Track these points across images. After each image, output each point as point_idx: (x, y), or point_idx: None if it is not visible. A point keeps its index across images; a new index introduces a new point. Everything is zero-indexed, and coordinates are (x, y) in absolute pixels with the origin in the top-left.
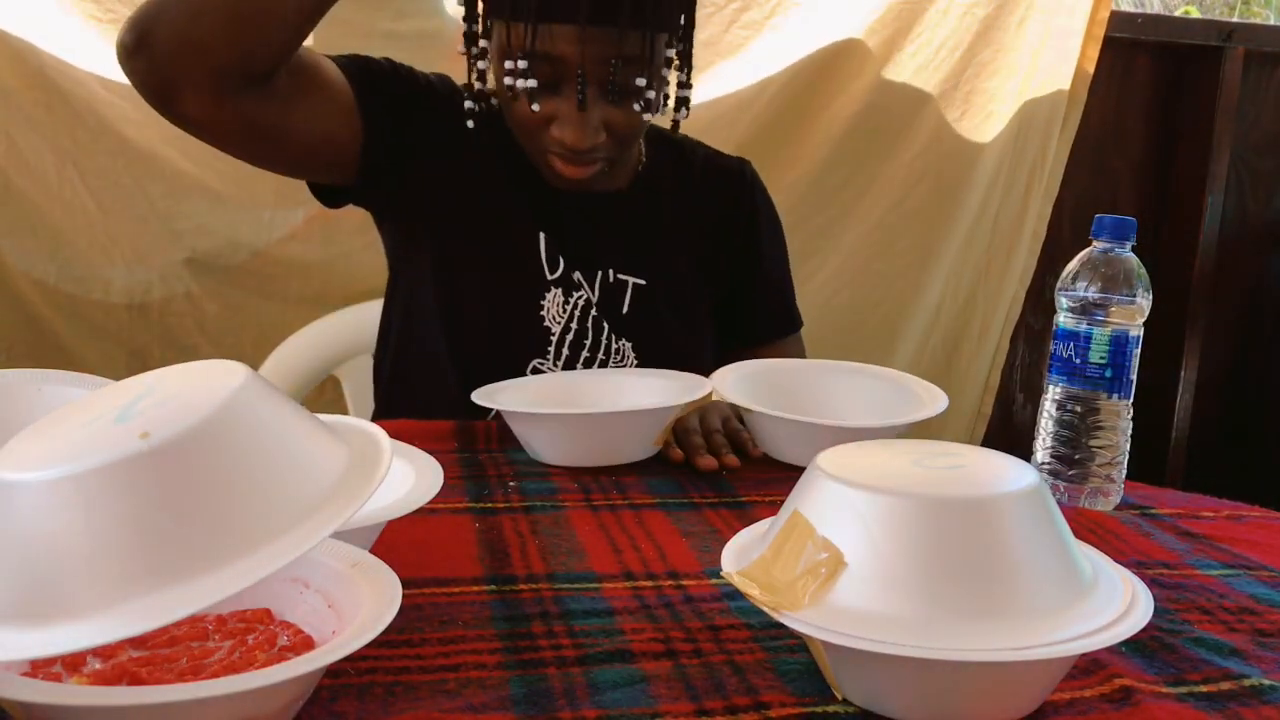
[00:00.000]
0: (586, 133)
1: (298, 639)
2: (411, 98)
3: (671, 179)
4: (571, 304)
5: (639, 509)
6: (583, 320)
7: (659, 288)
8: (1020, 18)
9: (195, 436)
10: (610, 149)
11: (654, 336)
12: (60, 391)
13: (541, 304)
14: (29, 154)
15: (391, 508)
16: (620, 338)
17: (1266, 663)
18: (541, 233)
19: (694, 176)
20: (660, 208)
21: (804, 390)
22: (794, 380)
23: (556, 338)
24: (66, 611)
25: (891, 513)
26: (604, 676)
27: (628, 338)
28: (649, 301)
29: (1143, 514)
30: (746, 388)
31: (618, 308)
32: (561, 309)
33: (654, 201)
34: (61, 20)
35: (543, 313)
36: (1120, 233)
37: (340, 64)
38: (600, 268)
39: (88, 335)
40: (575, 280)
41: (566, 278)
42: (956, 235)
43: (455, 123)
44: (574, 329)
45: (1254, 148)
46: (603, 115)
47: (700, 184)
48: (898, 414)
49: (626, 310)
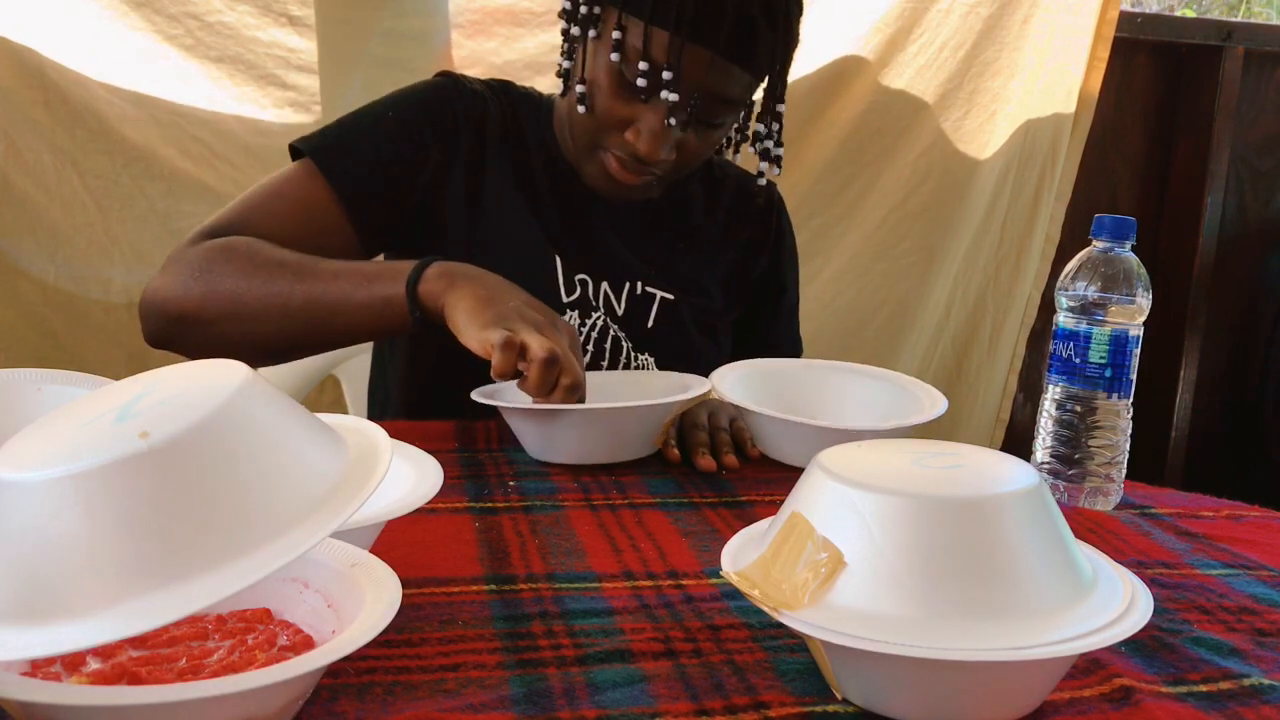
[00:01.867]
0: (663, 148)
1: (297, 639)
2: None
3: (701, 195)
4: (589, 327)
5: (639, 509)
6: (599, 343)
7: (686, 303)
8: (1024, 17)
9: (195, 436)
10: (670, 170)
11: (677, 351)
12: (60, 391)
13: None
14: (28, 153)
15: (391, 507)
16: (643, 352)
17: (1266, 662)
18: (557, 256)
19: (724, 196)
20: (690, 222)
21: (804, 391)
22: (794, 381)
23: None
24: (66, 611)
25: (891, 512)
26: (603, 676)
27: (651, 352)
28: (675, 316)
29: (1142, 513)
30: (746, 387)
31: (643, 321)
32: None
33: (684, 216)
34: (62, 20)
35: None
36: (1120, 232)
37: (336, 189)
38: (628, 279)
39: (87, 335)
40: (593, 301)
41: (584, 300)
42: (962, 236)
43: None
44: (589, 351)
45: (1253, 147)
46: (681, 137)
47: (730, 204)
48: (898, 416)
49: (652, 324)
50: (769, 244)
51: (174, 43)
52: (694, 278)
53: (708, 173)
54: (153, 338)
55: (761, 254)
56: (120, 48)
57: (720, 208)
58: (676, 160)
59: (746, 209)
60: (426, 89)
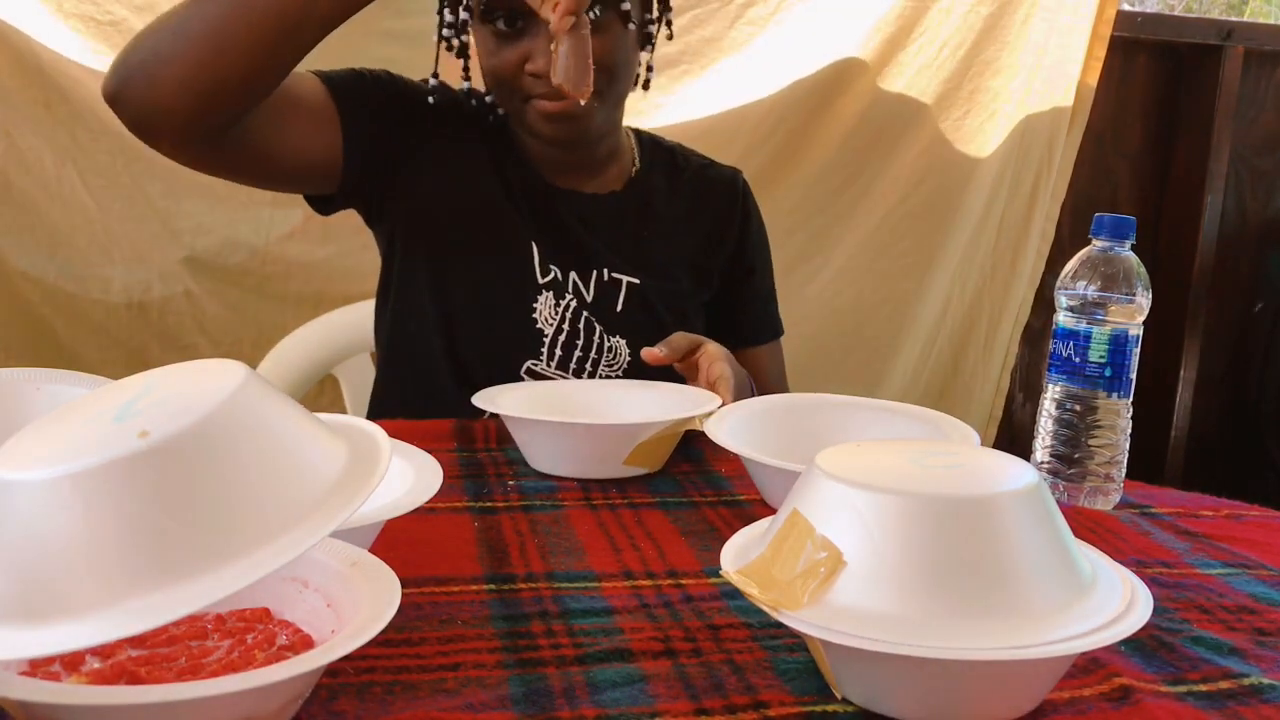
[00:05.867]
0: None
1: (297, 638)
2: (402, 110)
3: (664, 184)
4: (562, 307)
5: (638, 508)
6: (574, 323)
7: (652, 286)
8: (1024, 16)
9: (194, 435)
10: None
11: (647, 333)
12: (59, 390)
13: (534, 307)
14: (28, 153)
15: (391, 507)
16: (614, 335)
17: (1265, 661)
18: (533, 242)
19: (686, 183)
20: (653, 210)
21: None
22: (817, 420)
23: (549, 339)
24: (65, 610)
25: (891, 512)
26: (603, 675)
27: (621, 335)
28: (642, 299)
29: (1142, 513)
30: (758, 427)
31: (612, 306)
32: (553, 312)
33: (646, 204)
34: (62, 20)
35: (535, 315)
36: (1119, 231)
37: (328, 80)
38: (595, 267)
39: (87, 334)
40: (564, 284)
41: (556, 282)
42: (961, 235)
43: (453, 134)
44: (566, 330)
45: (1253, 146)
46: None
47: (692, 190)
48: None
49: (620, 308)
50: (733, 230)
51: None
52: (660, 263)
53: (671, 161)
54: (110, 104)
55: (725, 240)
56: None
57: (681, 195)
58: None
59: (709, 195)
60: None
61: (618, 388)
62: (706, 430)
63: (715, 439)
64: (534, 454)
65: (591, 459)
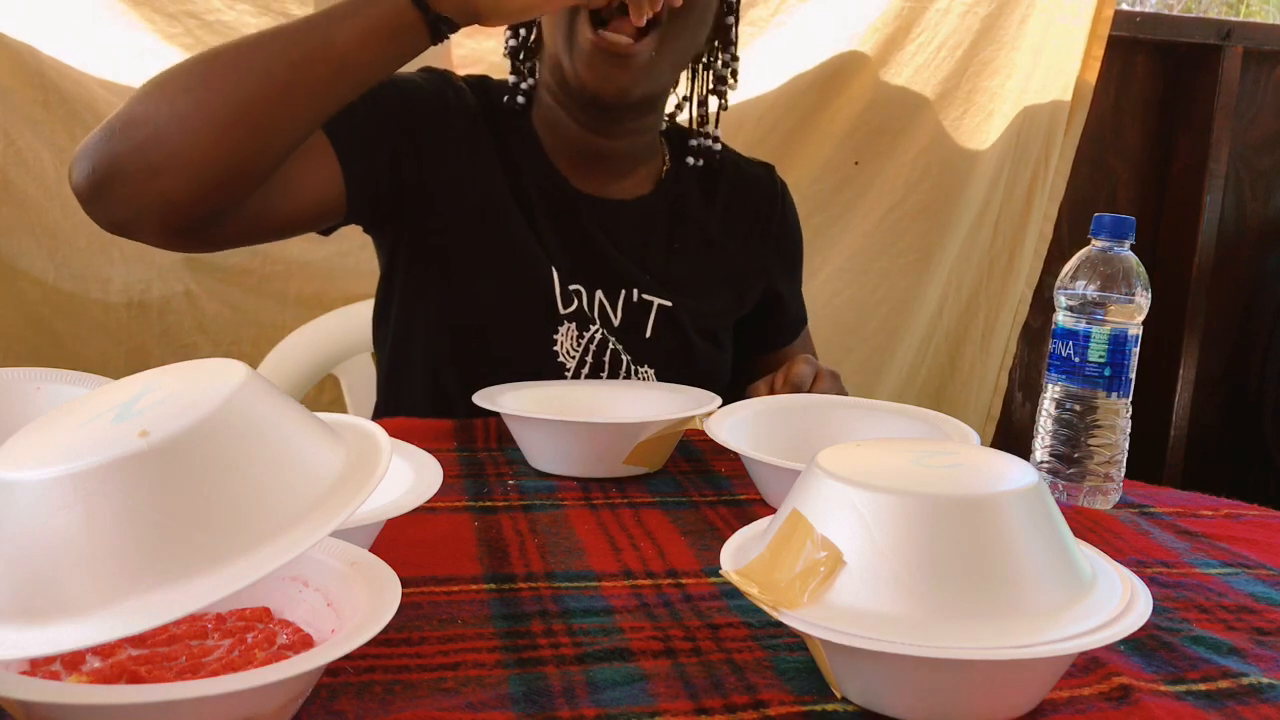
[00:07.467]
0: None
1: (297, 637)
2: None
3: (696, 186)
4: (586, 339)
5: (638, 508)
6: (599, 355)
7: (685, 309)
8: (1022, 16)
9: (194, 435)
10: (650, 44)
11: (676, 360)
12: (59, 390)
13: (555, 338)
14: (27, 153)
15: (391, 506)
16: (642, 364)
17: (1265, 661)
18: (554, 268)
19: (721, 184)
20: (686, 215)
21: (829, 431)
22: (818, 420)
23: (571, 372)
24: (65, 610)
25: (890, 511)
26: (603, 675)
27: (650, 364)
28: (673, 323)
29: (1141, 512)
30: (758, 427)
31: (640, 332)
32: (575, 343)
33: (679, 211)
34: (62, 19)
35: (556, 349)
36: (1119, 231)
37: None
38: (623, 287)
39: (86, 334)
40: (589, 313)
41: (580, 312)
42: (958, 234)
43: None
44: (589, 364)
45: (1253, 146)
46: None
47: (728, 192)
48: None
49: (650, 334)
50: (772, 233)
51: (173, 41)
52: (693, 279)
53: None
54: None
55: (763, 245)
56: (120, 47)
57: (716, 197)
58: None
59: (747, 196)
60: (419, 75)
61: (618, 388)
62: (707, 430)
63: (715, 439)
64: (534, 453)
65: (591, 458)
